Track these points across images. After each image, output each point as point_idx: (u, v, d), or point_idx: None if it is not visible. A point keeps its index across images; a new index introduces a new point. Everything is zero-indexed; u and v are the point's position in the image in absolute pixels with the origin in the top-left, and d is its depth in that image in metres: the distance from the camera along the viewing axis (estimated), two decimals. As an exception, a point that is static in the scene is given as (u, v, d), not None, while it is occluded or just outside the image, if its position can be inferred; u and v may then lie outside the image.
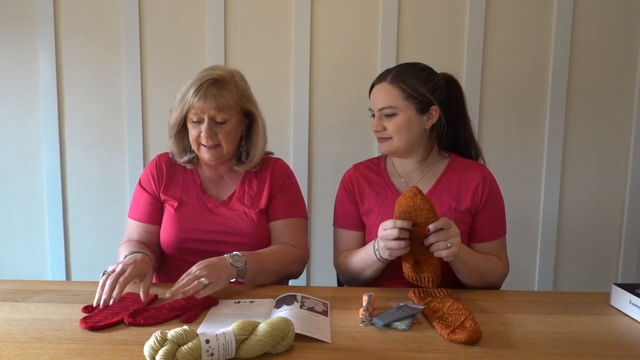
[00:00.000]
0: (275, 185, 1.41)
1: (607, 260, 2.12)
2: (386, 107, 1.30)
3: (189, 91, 1.30)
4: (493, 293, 1.25)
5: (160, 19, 2.00)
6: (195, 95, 1.28)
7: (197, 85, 1.29)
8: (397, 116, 1.29)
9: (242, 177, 1.42)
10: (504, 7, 1.98)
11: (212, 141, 1.31)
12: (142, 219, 1.39)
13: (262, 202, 1.38)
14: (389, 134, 1.31)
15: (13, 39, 2.01)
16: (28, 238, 2.12)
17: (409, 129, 1.30)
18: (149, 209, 1.39)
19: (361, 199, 1.39)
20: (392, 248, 1.13)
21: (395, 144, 1.31)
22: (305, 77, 2.00)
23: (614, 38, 2.00)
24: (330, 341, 0.94)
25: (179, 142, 1.40)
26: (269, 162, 1.45)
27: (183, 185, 1.40)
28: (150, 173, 1.42)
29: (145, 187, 1.42)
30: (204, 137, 1.30)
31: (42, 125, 2.05)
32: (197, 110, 1.29)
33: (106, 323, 0.99)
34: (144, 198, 1.40)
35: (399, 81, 1.29)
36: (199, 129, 1.31)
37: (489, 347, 0.92)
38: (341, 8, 1.99)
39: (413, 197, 1.12)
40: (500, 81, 2.02)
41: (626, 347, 0.94)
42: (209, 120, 1.29)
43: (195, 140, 1.33)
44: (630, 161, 2.06)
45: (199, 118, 1.31)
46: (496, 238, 1.35)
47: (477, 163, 1.41)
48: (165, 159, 1.44)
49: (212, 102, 1.28)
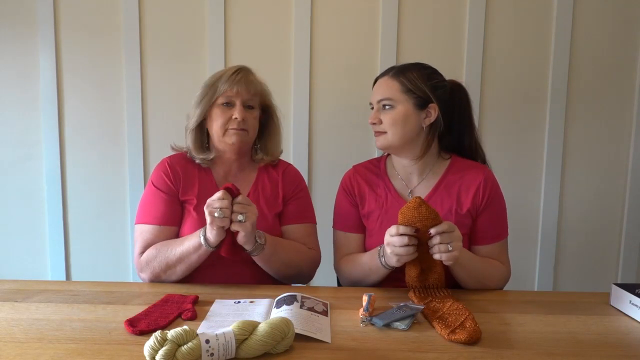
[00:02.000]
0: (289, 191, 1.42)
1: (607, 260, 2.12)
2: (384, 99, 1.30)
3: (221, 78, 1.34)
4: (493, 293, 1.25)
5: (160, 19, 2.00)
6: (230, 80, 1.33)
7: (230, 72, 1.35)
8: (394, 109, 1.30)
9: (255, 177, 1.43)
10: (504, 7, 1.98)
11: (244, 124, 1.34)
12: (160, 222, 1.32)
13: (277, 205, 1.40)
14: (384, 128, 1.31)
15: (13, 39, 2.01)
16: (28, 238, 2.12)
17: (405, 123, 1.29)
18: (167, 210, 1.34)
19: (361, 201, 1.38)
20: (401, 254, 1.11)
21: (390, 138, 1.31)
22: (305, 77, 2.00)
23: (614, 38, 2.00)
24: (330, 341, 0.94)
25: (197, 137, 1.40)
26: (279, 164, 1.47)
27: (200, 184, 1.39)
28: (164, 174, 1.38)
29: (161, 187, 1.36)
30: (237, 117, 1.32)
31: (42, 125, 2.05)
32: (232, 93, 1.33)
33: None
34: (161, 198, 1.35)
35: (400, 75, 1.31)
36: (229, 113, 1.34)
37: (489, 347, 0.92)
38: (341, 8, 1.99)
39: (417, 207, 1.11)
40: (500, 81, 2.02)
41: (626, 347, 0.94)
42: (241, 103, 1.34)
43: (222, 126, 1.34)
44: (630, 161, 2.06)
45: (229, 100, 1.34)
46: (497, 240, 1.33)
47: (479, 164, 1.40)
48: (177, 160, 1.42)
49: (248, 85, 1.35)
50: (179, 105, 2.00)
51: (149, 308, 1.08)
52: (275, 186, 1.42)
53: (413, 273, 1.17)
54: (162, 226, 1.33)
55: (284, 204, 1.41)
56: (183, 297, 1.14)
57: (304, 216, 1.43)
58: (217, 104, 1.35)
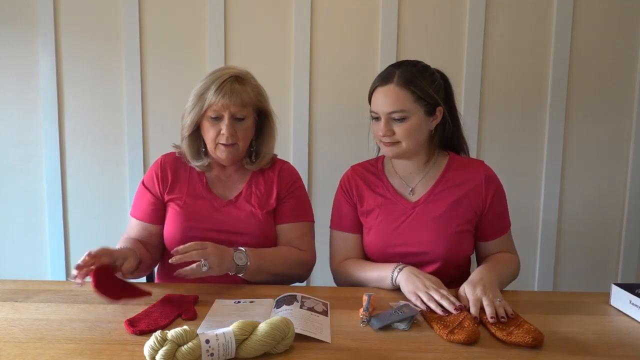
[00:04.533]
0: (284, 189, 1.41)
1: (607, 260, 2.12)
2: (396, 111, 1.25)
3: (209, 89, 1.29)
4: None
5: (161, 19, 2.00)
6: (217, 92, 1.27)
7: (218, 82, 1.28)
8: (408, 120, 1.25)
9: (249, 177, 1.42)
10: (504, 7, 1.98)
11: (232, 139, 1.30)
12: (143, 218, 1.39)
13: (270, 204, 1.39)
14: (397, 139, 1.27)
15: (13, 39, 2.01)
16: (28, 238, 2.12)
17: (419, 132, 1.28)
18: (150, 209, 1.39)
19: (360, 200, 1.38)
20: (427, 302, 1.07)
21: (405, 147, 1.28)
22: (305, 77, 2.00)
23: (614, 38, 2.00)
24: (330, 341, 0.94)
25: (193, 144, 1.38)
26: (275, 163, 1.45)
27: (189, 184, 1.39)
28: (155, 174, 1.41)
29: (148, 187, 1.41)
30: (225, 134, 1.29)
31: (42, 125, 2.05)
32: (219, 107, 1.28)
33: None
34: (147, 198, 1.40)
35: (409, 84, 1.24)
36: (217, 127, 1.30)
37: (488, 347, 0.92)
38: (341, 8, 1.98)
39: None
40: (500, 81, 2.02)
41: (626, 347, 0.94)
42: (229, 117, 1.29)
43: (213, 140, 1.32)
44: (630, 161, 2.06)
45: (218, 115, 1.29)
46: (503, 233, 1.36)
47: (476, 160, 1.40)
48: (170, 160, 1.43)
49: (235, 98, 1.28)
50: (179, 106, 1.97)
51: (149, 308, 1.08)
52: (270, 185, 1.41)
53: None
54: (144, 223, 1.39)
55: (278, 202, 1.40)
56: (183, 297, 1.14)
57: (299, 214, 1.41)
58: (206, 116, 1.31)
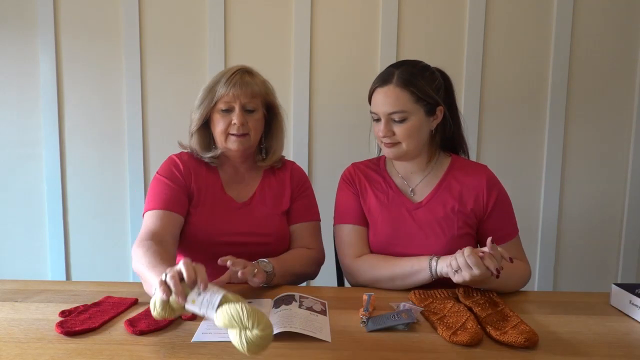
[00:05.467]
0: (296, 189, 1.44)
1: (607, 260, 2.12)
2: (397, 112, 1.24)
3: (219, 82, 1.32)
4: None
5: (160, 19, 2.00)
6: (227, 84, 1.30)
7: (228, 75, 1.32)
8: (408, 120, 1.25)
9: (260, 178, 1.43)
10: (504, 7, 1.99)
11: (243, 129, 1.31)
12: (163, 207, 1.28)
13: (284, 204, 1.41)
14: (398, 139, 1.27)
15: (13, 39, 2.01)
16: (28, 238, 2.12)
17: (419, 132, 1.27)
18: (172, 195, 1.30)
19: (362, 194, 1.37)
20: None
21: (405, 148, 1.27)
22: (305, 77, 2.01)
23: (614, 38, 2.00)
24: (330, 340, 0.94)
25: (202, 138, 1.38)
26: (285, 163, 1.48)
27: (206, 184, 1.38)
28: (174, 167, 1.36)
29: (168, 177, 1.34)
30: (236, 123, 1.30)
31: (42, 125, 2.05)
32: (230, 97, 1.30)
33: (83, 328, 0.96)
34: (167, 186, 1.32)
35: (408, 84, 1.24)
36: (228, 118, 1.31)
37: (489, 348, 0.92)
38: (341, 8, 1.99)
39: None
40: (500, 81, 2.02)
41: (626, 347, 0.94)
42: (240, 107, 1.31)
43: (223, 132, 1.32)
44: (630, 161, 2.06)
45: (229, 106, 1.31)
46: (510, 239, 1.31)
47: (479, 163, 1.39)
48: (187, 157, 1.40)
49: (245, 88, 1.31)
50: (179, 106, 2.00)
51: (149, 308, 1.07)
52: (282, 185, 1.43)
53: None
54: (165, 211, 1.27)
55: (291, 201, 1.42)
56: None
57: (310, 213, 1.44)
58: (217, 109, 1.32)
